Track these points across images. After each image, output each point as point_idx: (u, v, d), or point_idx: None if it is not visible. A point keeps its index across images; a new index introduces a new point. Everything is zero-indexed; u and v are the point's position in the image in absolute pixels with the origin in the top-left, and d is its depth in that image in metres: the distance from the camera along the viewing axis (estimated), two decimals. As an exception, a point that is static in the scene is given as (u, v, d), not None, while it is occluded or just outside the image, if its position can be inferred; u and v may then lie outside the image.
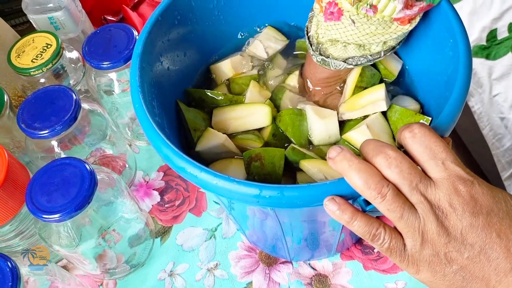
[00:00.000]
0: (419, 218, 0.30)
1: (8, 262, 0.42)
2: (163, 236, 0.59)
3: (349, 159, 0.32)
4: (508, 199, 0.31)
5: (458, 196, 0.30)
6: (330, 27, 0.42)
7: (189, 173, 0.34)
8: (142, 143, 0.67)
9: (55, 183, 0.46)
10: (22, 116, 0.51)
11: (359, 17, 0.39)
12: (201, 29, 0.49)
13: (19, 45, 0.57)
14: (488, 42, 1.24)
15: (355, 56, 0.44)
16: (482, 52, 1.24)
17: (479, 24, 1.26)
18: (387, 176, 0.31)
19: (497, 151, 1.17)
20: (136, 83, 0.39)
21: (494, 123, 1.18)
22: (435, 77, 0.40)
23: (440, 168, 0.31)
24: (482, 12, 1.28)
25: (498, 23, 1.25)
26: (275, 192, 0.32)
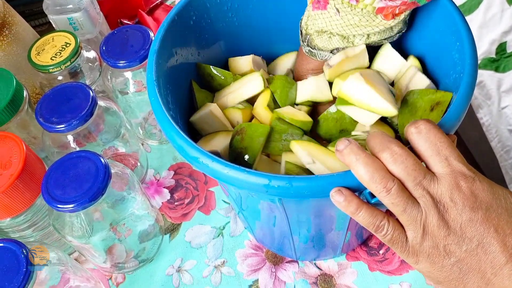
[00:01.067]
0: (421, 211, 0.32)
1: (23, 249, 0.43)
2: (172, 232, 0.60)
3: (357, 152, 0.33)
4: (508, 196, 0.32)
5: (459, 191, 0.31)
6: (317, 16, 0.44)
7: (202, 162, 0.35)
8: (154, 142, 0.69)
9: (70, 175, 0.47)
10: (40, 111, 0.53)
11: (343, 6, 0.41)
12: (215, 30, 0.51)
13: (39, 43, 0.59)
14: (498, 55, 1.25)
15: (339, 48, 0.46)
16: (491, 65, 1.24)
17: (489, 37, 1.27)
18: (392, 171, 0.32)
19: (505, 163, 1.17)
20: (152, 77, 0.40)
21: (503, 135, 1.19)
22: (442, 79, 0.41)
23: (443, 164, 0.32)
24: (491, 25, 1.29)
25: (507, 37, 1.26)
26: (283, 182, 0.33)
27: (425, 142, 0.32)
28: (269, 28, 0.54)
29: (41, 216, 0.52)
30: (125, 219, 0.53)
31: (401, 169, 0.32)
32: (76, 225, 0.50)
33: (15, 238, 0.53)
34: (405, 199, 0.31)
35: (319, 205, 0.40)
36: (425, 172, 0.32)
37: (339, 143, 0.34)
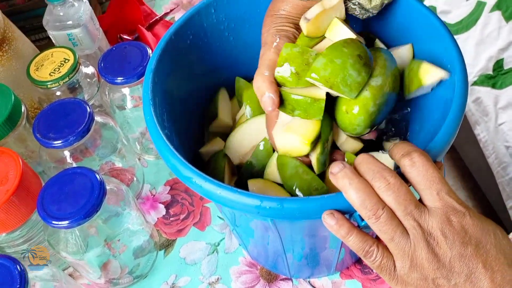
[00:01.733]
0: (410, 242, 0.32)
1: (17, 265, 0.44)
2: (167, 248, 0.60)
3: (350, 177, 0.33)
4: (497, 232, 0.32)
5: (450, 226, 0.31)
6: None
7: (195, 183, 0.35)
8: (151, 157, 0.69)
9: (66, 191, 0.48)
10: (37, 127, 0.53)
11: None
12: (212, 49, 0.52)
13: (38, 59, 0.60)
14: (495, 72, 1.26)
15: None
16: (488, 81, 1.25)
17: (486, 53, 1.28)
18: (384, 199, 0.33)
19: (502, 179, 1.17)
20: (148, 96, 0.41)
21: (500, 152, 1.19)
22: (433, 102, 0.42)
23: (435, 198, 0.32)
24: (488, 42, 1.30)
25: (504, 53, 1.27)
26: (275, 204, 0.33)
27: (418, 175, 0.33)
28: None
29: (37, 231, 0.53)
30: (119, 234, 0.54)
31: (392, 198, 0.32)
32: (71, 241, 0.50)
33: (10, 253, 0.53)
34: (394, 227, 0.32)
35: (312, 225, 0.41)
36: (416, 203, 0.32)
37: (334, 166, 0.34)
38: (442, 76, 0.40)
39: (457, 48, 0.39)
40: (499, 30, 1.30)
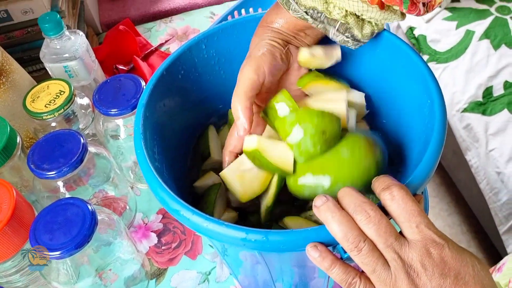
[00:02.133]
0: (391, 274, 0.33)
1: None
2: (158, 277, 0.61)
3: (333, 210, 0.34)
4: (476, 263, 0.33)
5: (429, 258, 0.32)
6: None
7: (182, 215, 0.36)
8: (144, 186, 0.70)
9: (58, 221, 0.48)
10: (32, 157, 0.54)
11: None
12: (203, 83, 0.53)
13: (35, 91, 0.62)
14: (484, 99, 1.29)
15: (316, 10, 0.44)
16: (478, 108, 1.28)
17: (476, 81, 1.31)
18: (365, 231, 0.34)
19: (494, 205, 1.18)
20: (139, 130, 0.42)
21: (491, 177, 1.20)
22: (414, 136, 0.43)
23: (414, 231, 0.33)
24: (478, 69, 1.33)
25: (493, 81, 1.30)
26: (260, 236, 0.34)
27: (398, 209, 0.34)
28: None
29: (29, 261, 0.53)
30: (111, 264, 0.54)
31: (373, 231, 0.33)
32: (62, 271, 0.51)
33: (2, 283, 0.54)
34: (375, 259, 0.33)
35: (299, 256, 0.41)
36: (397, 235, 0.34)
37: (317, 199, 0.36)
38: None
39: (437, 85, 0.41)
40: (488, 58, 1.33)
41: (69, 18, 0.81)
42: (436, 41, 1.43)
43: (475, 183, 1.27)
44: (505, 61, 1.32)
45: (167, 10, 1.04)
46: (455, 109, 1.32)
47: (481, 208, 1.33)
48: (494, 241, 1.31)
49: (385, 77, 0.48)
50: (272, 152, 0.43)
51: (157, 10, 1.04)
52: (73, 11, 0.84)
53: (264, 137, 0.44)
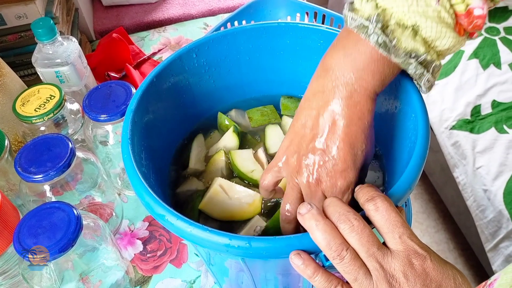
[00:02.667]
0: (373, 283, 0.33)
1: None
2: (142, 285, 0.61)
3: (317, 218, 0.35)
4: (457, 275, 0.34)
5: (412, 269, 0.33)
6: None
7: (167, 220, 0.36)
8: (131, 192, 0.70)
9: (42, 225, 0.48)
10: (19, 161, 0.54)
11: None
12: (193, 92, 0.54)
13: (25, 94, 0.62)
14: (473, 117, 1.30)
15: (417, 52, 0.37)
16: (466, 126, 1.29)
17: (464, 99, 1.33)
18: (348, 240, 0.34)
19: (481, 222, 1.19)
20: (127, 135, 0.42)
21: (478, 195, 1.22)
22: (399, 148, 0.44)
23: (397, 241, 0.34)
24: (467, 88, 1.35)
25: (482, 100, 1.32)
26: (243, 242, 0.34)
27: (381, 219, 0.34)
28: (243, 85, 0.57)
29: (12, 264, 0.53)
30: (95, 270, 0.54)
31: (356, 240, 0.34)
32: (45, 275, 0.50)
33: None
34: (357, 268, 0.33)
35: (282, 264, 0.42)
36: (379, 245, 0.34)
37: (302, 207, 0.36)
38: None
39: (421, 99, 0.42)
40: (477, 77, 1.36)
41: (63, 25, 0.81)
42: (426, 59, 1.45)
43: (462, 200, 1.28)
44: (493, 80, 1.34)
45: (161, 20, 1.05)
46: (444, 126, 1.33)
47: (468, 225, 1.34)
48: (481, 258, 1.32)
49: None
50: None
51: (151, 20, 1.05)
52: (67, 17, 0.84)
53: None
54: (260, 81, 0.57)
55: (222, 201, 0.48)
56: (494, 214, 1.16)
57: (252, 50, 0.54)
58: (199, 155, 0.54)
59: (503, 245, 1.13)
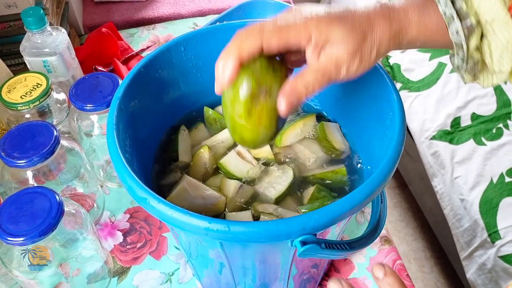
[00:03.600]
0: None
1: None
2: (120, 275, 0.61)
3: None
4: None
5: None
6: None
7: (149, 203, 0.37)
8: (113, 185, 0.71)
9: (24, 209, 0.49)
10: (3, 146, 0.54)
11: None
12: (180, 85, 0.55)
13: (12, 82, 0.62)
14: (452, 128, 1.34)
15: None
16: (446, 137, 1.32)
17: (445, 111, 1.36)
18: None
19: (457, 231, 1.22)
20: (112, 121, 0.43)
21: (455, 204, 1.24)
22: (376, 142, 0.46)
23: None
24: (448, 100, 1.38)
25: (462, 112, 1.35)
26: (222, 226, 0.35)
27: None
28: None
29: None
30: (74, 258, 0.54)
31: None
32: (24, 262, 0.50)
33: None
34: None
35: (261, 250, 0.43)
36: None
37: (377, 270, 0.35)
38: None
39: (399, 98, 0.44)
40: (458, 89, 1.39)
41: (53, 17, 0.82)
42: (409, 70, 1.49)
43: (440, 209, 1.31)
44: (473, 93, 1.38)
45: (151, 18, 1.06)
46: (424, 136, 1.36)
47: (444, 234, 1.37)
48: (456, 267, 1.34)
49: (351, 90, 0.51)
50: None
51: (141, 17, 1.05)
52: (57, 10, 0.85)
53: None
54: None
55: (187, 199, 0.49)
56: (470, 223, 1.18)
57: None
58: (186, 148, 0.55)
59: (477, 254, 1.16)
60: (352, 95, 0.53)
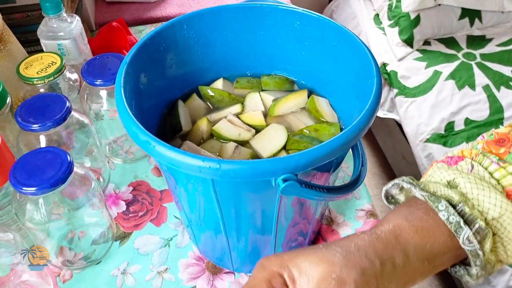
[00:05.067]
0: None
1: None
2: (122, 239, 0.65)
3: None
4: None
5: None
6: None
7: (150, 145, 0.42)
8: (119, 160, 0.76)
9: (37, 164, 0.54)
10: (20, 112, 0.60)
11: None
12: (182, 59, 0.60)
13: (29, 60, 0.68)
14: (446, 132, 1.38)
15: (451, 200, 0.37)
16: (440, 139, 1.37)
17: (439, 115, 1.41)
18: None
19: (449, 229, 1.25)
20: (120, 81, 0.48)
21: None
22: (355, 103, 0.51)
23: None
24: (442, 106, 1.43)
25: (456, 117, 1.40)
26: (214, 164, 0.40)
27: None
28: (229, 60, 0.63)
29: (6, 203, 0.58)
30: (81, 221, 0.59)
31: None
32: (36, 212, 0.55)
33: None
34: None
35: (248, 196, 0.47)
36: None
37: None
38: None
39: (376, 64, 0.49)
40: (452, 96, 1.44)
41: (67, 9, 0.88)
42: (406, 78, 1.54)
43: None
44: (467, 100, 1.43)
45: (158, 17, 1.13)
46: (419, 139, 1.41)
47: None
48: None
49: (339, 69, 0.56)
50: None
51: (149, 17, 1.12)
52: (72, 4, 0.91)
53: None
54: (244, 58, 0.64)
55: None
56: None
57: (237, 28, 0.61)
58: (186, 119, 0.60)
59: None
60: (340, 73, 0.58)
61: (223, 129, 0.56)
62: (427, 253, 0.35)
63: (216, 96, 0.61)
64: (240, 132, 0.56)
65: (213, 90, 0.61)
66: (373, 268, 0.32)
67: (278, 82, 0.63)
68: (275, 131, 0.57)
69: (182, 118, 0.59)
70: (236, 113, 0.60)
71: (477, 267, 0.36)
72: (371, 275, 0.31)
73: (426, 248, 0.35)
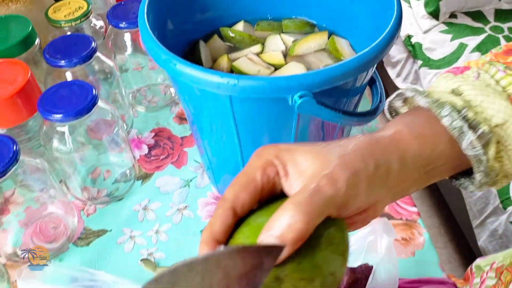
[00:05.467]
0: None
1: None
2: (144, 179, 0.67)
3: None
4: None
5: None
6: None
7: (171, 63, 0.43)
8: (142, 108, 0.78)
9: (63, 95, 0.56)
10: (48, 50, 0.62)
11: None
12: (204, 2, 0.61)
13: (57, 4, 0.70)
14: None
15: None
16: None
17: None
18: None
19: (470, 199, 1.24)
20: (143, 10, 0.50)
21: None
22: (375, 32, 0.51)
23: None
24: (467, 78, 1.41)
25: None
26: (232, 80, 0.41)
27: None
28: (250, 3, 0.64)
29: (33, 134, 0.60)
30: (106, 158, 0.61)
31: None
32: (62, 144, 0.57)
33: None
34: None
35: (266, 116, 0.48)
36: None
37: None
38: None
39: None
40: (478, 68, 1.42)
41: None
42: (431, 50, 1.52)
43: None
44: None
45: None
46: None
47: (459, 206, 1.39)
48: (469, 239, 1.36)
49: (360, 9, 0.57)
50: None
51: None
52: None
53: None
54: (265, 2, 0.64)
55: None
56: (483, 192, 1.20)
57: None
58: (207, 57, 0.61)
59: (489, 221, 1.18)
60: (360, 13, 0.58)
61: (242, 65, 0.57)
62: (424, 161, 0.34)
63: (236, 37, 0.62)
64: (260, 69, 0.57)
65: (234, 31, 0.62)
66: (366, 170, 0.31)
67: (299, 25, 0.63)
68: (294, 69, 0.57)
69: (203, 55, 0.61)
70: (256, 52, 0.60)
71: (481, 173, 0.34)
72: (363, 176, 0.31)
73: (424, 156, 0.34)
